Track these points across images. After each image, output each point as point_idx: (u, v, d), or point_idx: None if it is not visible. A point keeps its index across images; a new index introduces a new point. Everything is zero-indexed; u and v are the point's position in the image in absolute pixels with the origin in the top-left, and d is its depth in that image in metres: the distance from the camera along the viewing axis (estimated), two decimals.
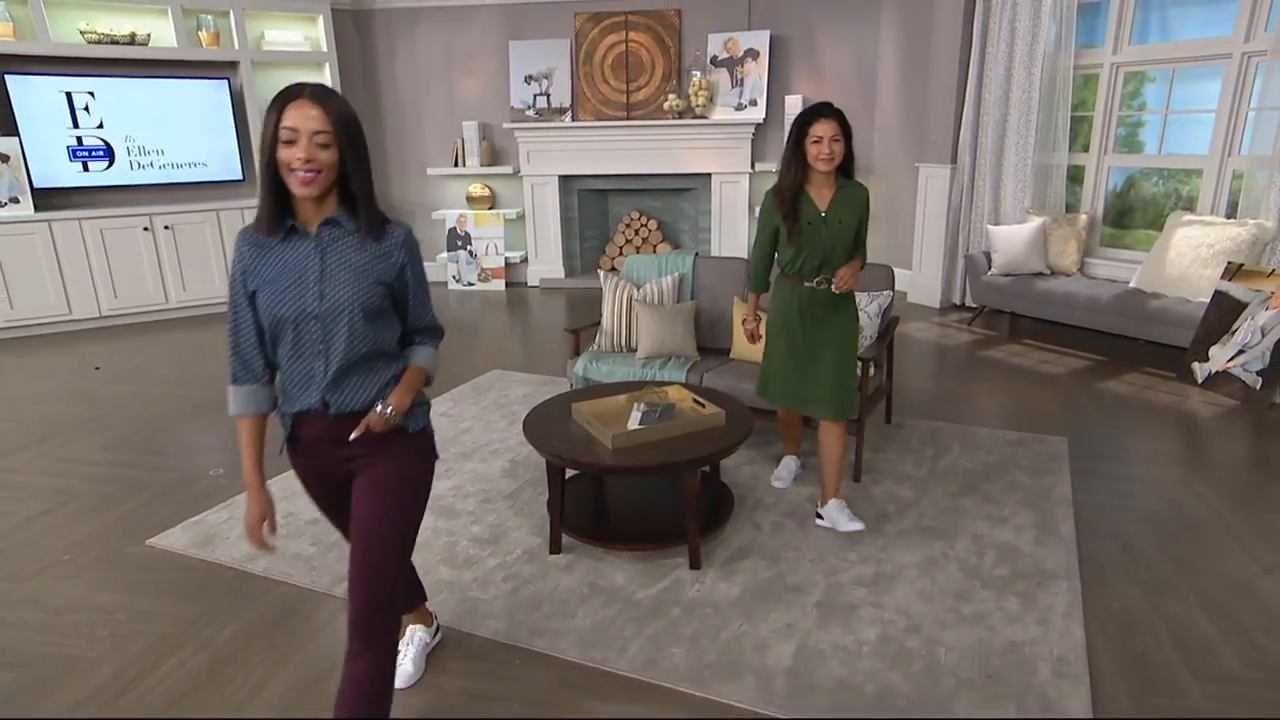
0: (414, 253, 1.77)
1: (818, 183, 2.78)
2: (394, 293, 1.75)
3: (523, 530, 3.03)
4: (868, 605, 2.52)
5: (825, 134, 2.66)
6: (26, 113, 5.85)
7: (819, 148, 2.68)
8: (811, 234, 2.77)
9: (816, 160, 2.70)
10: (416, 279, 1.79)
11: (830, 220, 2.77)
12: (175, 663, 2.30)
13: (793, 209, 2.76)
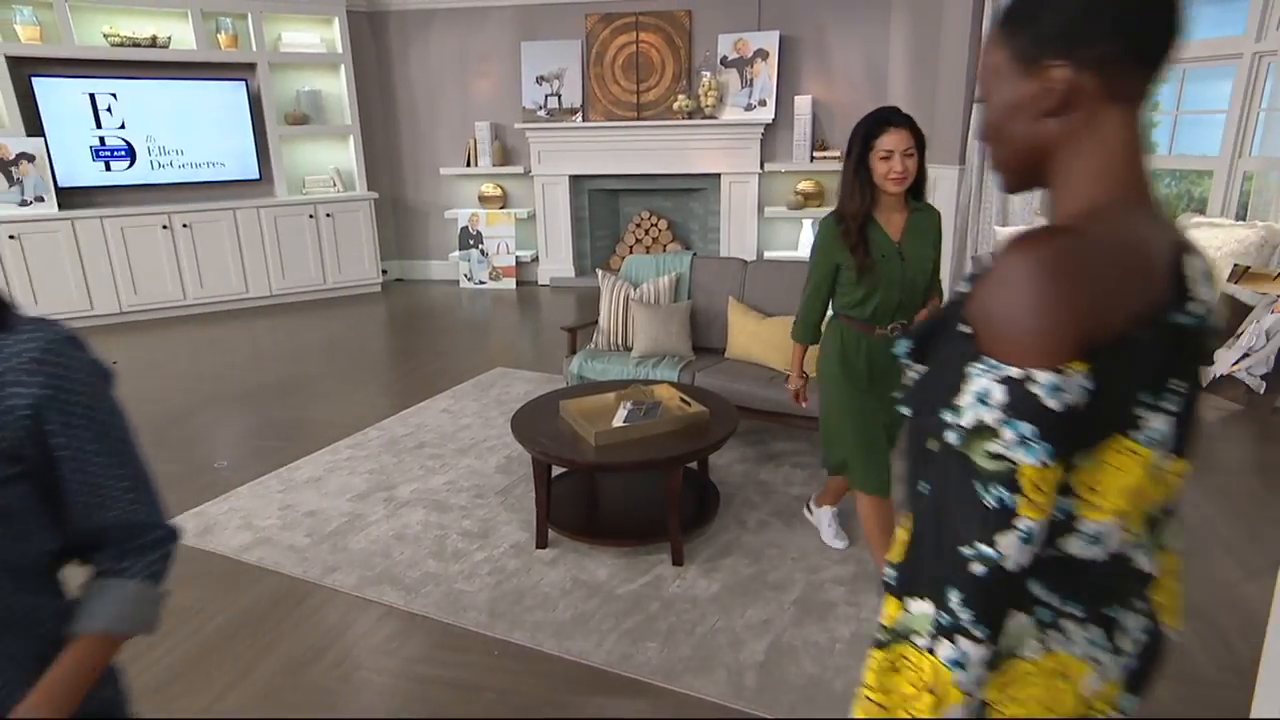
0: (67, 384, 0.95)
1: (887, 207, 2.29)
2: (28, 474, 0.93)
3: (512, 525, 3.08)
4: (845, 604, 2.54)
5: (896, 147, 2.18)
6: (52, 114, 6.01)
7: (888, 164, 2.19)
8: (887, 270, 2.28)
9: (886, 180, 2.21)
10: (85, 440, 0.97)
11: (907, 253, 2.30)
12: (166, 648, 2.38)
13: (861, 240, 2.26)
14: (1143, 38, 0.79)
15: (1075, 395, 0.71)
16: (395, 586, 2.67)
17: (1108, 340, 0.72)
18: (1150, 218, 0.80)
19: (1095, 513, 0.77)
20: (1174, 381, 0.77)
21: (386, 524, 3.10)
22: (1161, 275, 0.77)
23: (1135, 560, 0.84)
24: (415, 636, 2.43)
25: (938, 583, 0.75)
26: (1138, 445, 0.76)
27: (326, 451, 3.80)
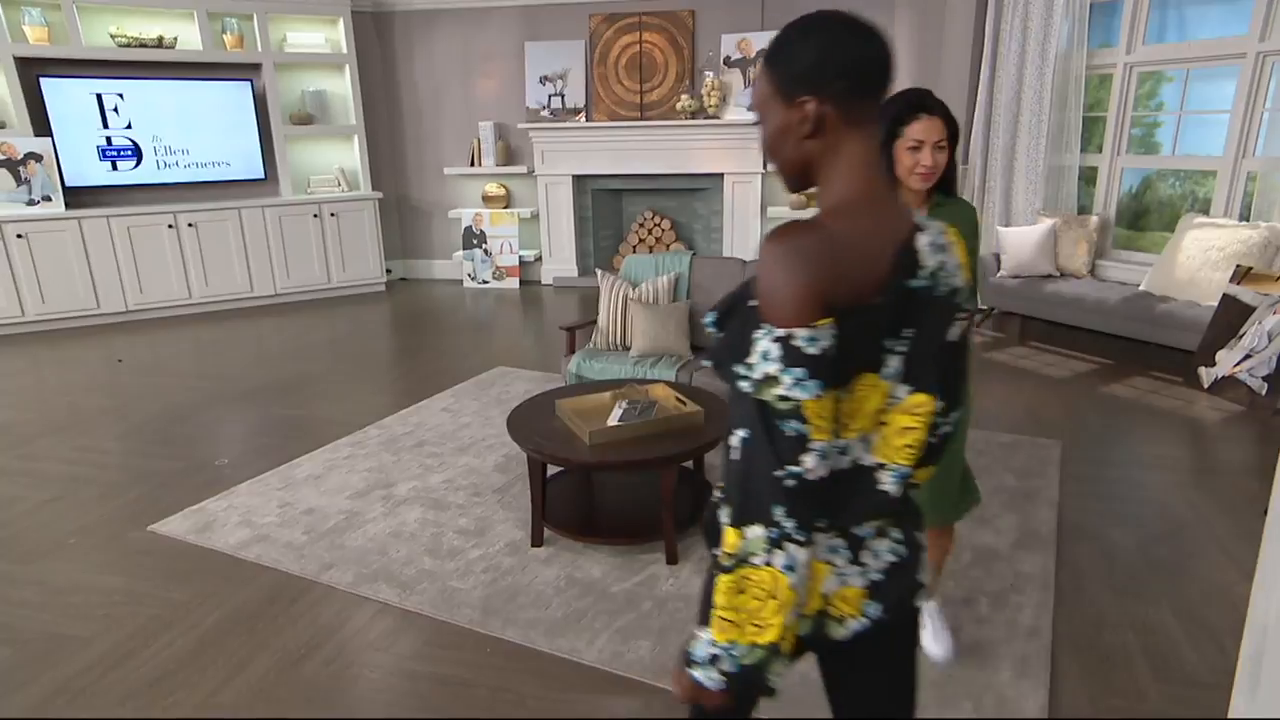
0: None
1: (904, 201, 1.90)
2: None
3: (508, 523, 3.09)
4: None
5: (928, 137, 1.86)
6: (59, 114, 6.06)
7: (916, 157, 1.87)
8: None
9: (911, 174, 1.89)
10: None
11: None
12: (163, 643, 2.40)
13: None
14: (866, 76, 1.03)
15: (827, 342, 0.96)
16: (390, 584, 2.69)
17: (845, 303, 0.97)
18: (884, 209, 1.06)
19: (847, 432, 1.05)
20: (906, 330, 1.04)
21: (384, 522, 3.12)
22: (889, 252, 1.03)
23: (880, 479, 1.07)
24: (409, 633, 2.44)
25: (765, 506, 0.96)
26: (879, 380, 1.05)
27: (327, 450, 3.82)
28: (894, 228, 1.05)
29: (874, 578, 1.11)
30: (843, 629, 1.10)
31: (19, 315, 6.00)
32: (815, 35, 1.04)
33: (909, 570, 1.14)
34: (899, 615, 1.15)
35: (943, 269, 1.08)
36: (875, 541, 1.11)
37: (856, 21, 1.05)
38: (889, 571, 1.11)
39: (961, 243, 1.18)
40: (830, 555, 1.09)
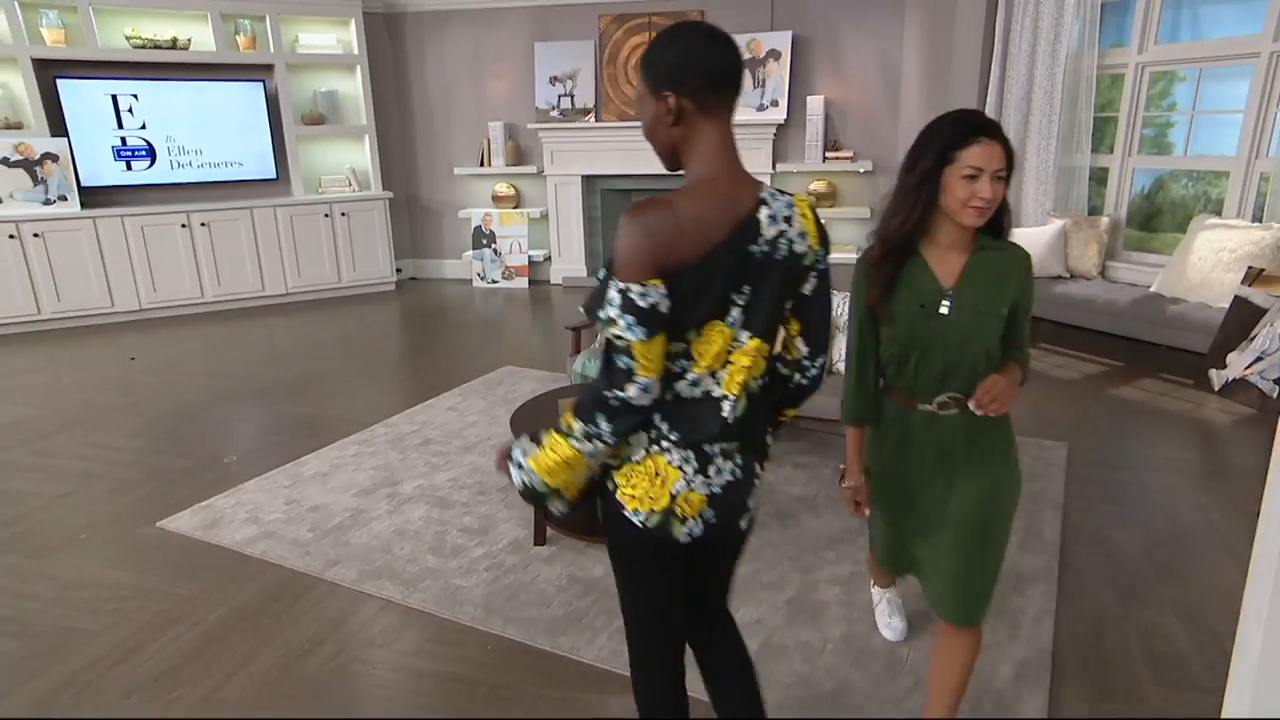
0: None
1: (944, 241, 1.67)
2: None
3: (512, 522, 3.11)
4: (838, 604, 2.54)
5: (987, 165, 1.56)
6: (75, 114, 6.13)
7: (972, 188, 1.57)
8: (922, 325, 1.66)
9: (964, 208, 1.59)
10: None
11: (961, 302, 1.65)
12: (169, 638, 2.43)
13: (890, 278, 1.67)
14: (717, 77, 1.28)
15: (655, 299, 1.22)
16: (394, 581, 2.71)
17: (677, 266, 1.24)
18: (730, 187, 1.30)
19: (697, 368, 1.33)
20: (745, 286, 1.30)
21: (389, 519, 3.14)
22: (729, 223, 1.28)
23: (721, 407, 1.35)
24: (411, 630, 2.46)
25: (591, 413, 1.29)
26: (724, 326, 1.32)
27: (334, 448, 3.85)
28: (737, 202, 1.30)
29: (714, 490, 1.39)
30: (683, 528, 1.39)
31: (35, 313, 6.08)
32: (678, 42, 1.29)
33: (742, 490, 1.43)
34: (727, 527, 1.44)
35: (782, 236, 1.32)
36: (720, 460, 1.39)
37: (714, 32, 1.30)
38: (726, 487, 1.40)
39: (810, 215, 1.40)
40: (682, 464, 1.36)
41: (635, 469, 1.38)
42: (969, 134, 1.59)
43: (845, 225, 7.17)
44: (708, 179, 1.31)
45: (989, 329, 1.67)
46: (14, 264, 5.93)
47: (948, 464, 1.75)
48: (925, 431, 1.74)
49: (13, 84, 5.98)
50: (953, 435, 1.73)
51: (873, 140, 6.91)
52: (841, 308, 3.25)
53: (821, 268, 1.40)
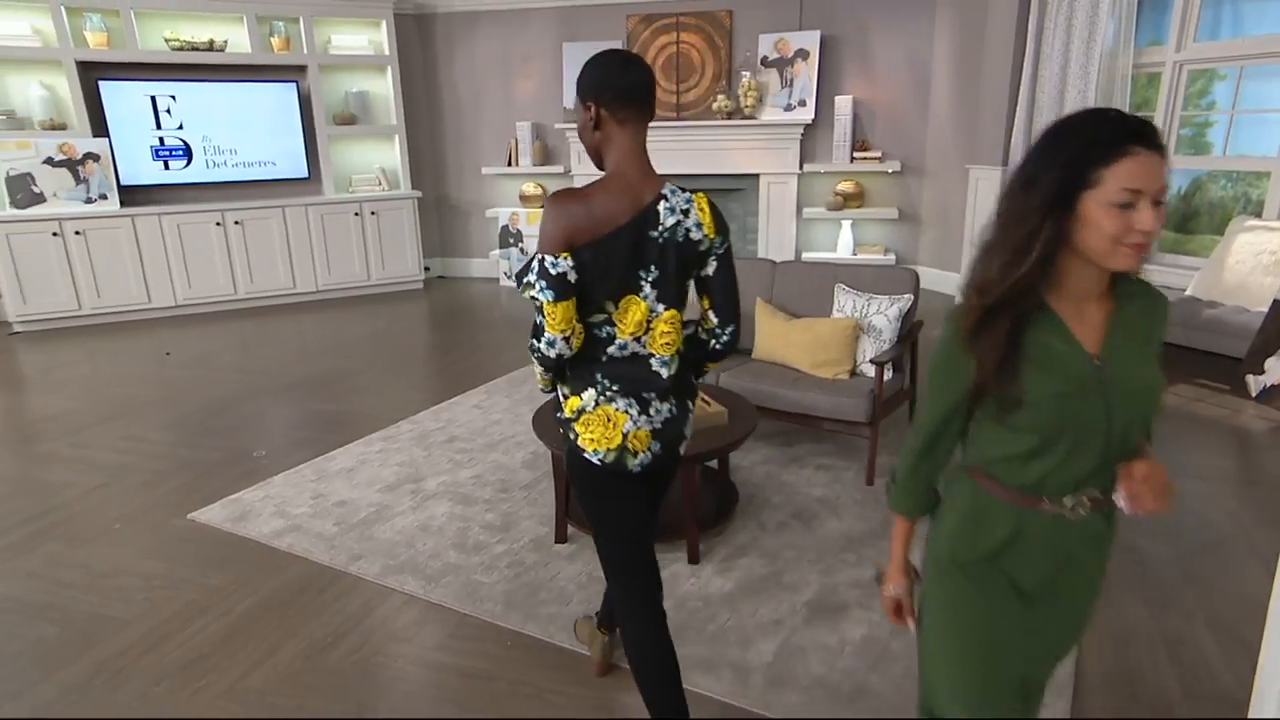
0: None
1: (1076, 287, 1.21)
2: None
3: (533, 520, 3.13)
4: (858, 606, 2.52)
5: (1147, 186, 1.10)
6: (116, 115, 6.28)
7: (1127, 219, 1.11)
8: (1075, 408, 1.20)
9: (1115, 248, 1.13)
10: None
11: (1113, 374, 1.21)
12: (197, 628, 2.48)
13: (1011, 348, 1.19)
14: (627, 92, 1.61)
15: (564, 268, 1.55)
16: (416, 576, 2.74)
17: (583, 243, 1.56)
18: (634, 183, 1.61)
19: (621, 334, 1.66)
20: (652, 266, 1.62)
21: (413, 515, 3.18)
22: (630, 212, 1.59)
23: (652, 366, 1.70)
24: (432, 625, 2.48)
25: (534, 351, 1.68)
26: (639, 300, 1.64)
27: (360, 443, 3.90)
28: (640, 196, 1.61)
29: (657, 425, 1.73)
30: (635, 460, 1.73)
31: (76, 309, 6.24)
32: (600, 64, 1.64)
33: (680, 423, 1.78)
34: (668, 454, 1.78)
35: (680, 225, 1.64)
36: (657, 403, 1.73)
37: (630, 58, 1.64)
38: (665, 423, 1.74)
39: (707, 209, 1.68)
40: (628, 409, 1.70)
41: (590, 418, 1.70)
42: (1118, 143, 1.10)
43: (872, 226, 7.11)
44: (618, 175, 1.63)
45: (1147, 406, 1.26)
46: (57, 261, 6.09)
47: (1069, 560, 1.29)
48: (1046, 535, 1.27)
49: (58, 86, 6.14)
50: (1081, 539, 1.28)
51: (901, 140, 6.85)
52: None
53: (720, 252, 1.72)
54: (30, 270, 6.04)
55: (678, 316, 1.70)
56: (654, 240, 1.62)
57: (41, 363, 5.46)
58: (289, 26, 6.81)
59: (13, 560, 2.89)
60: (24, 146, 5.96)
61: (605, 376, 1.69)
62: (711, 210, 1.69)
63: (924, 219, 6.97)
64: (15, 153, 5.94)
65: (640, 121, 1.64)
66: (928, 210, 6.92)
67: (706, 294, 1.76)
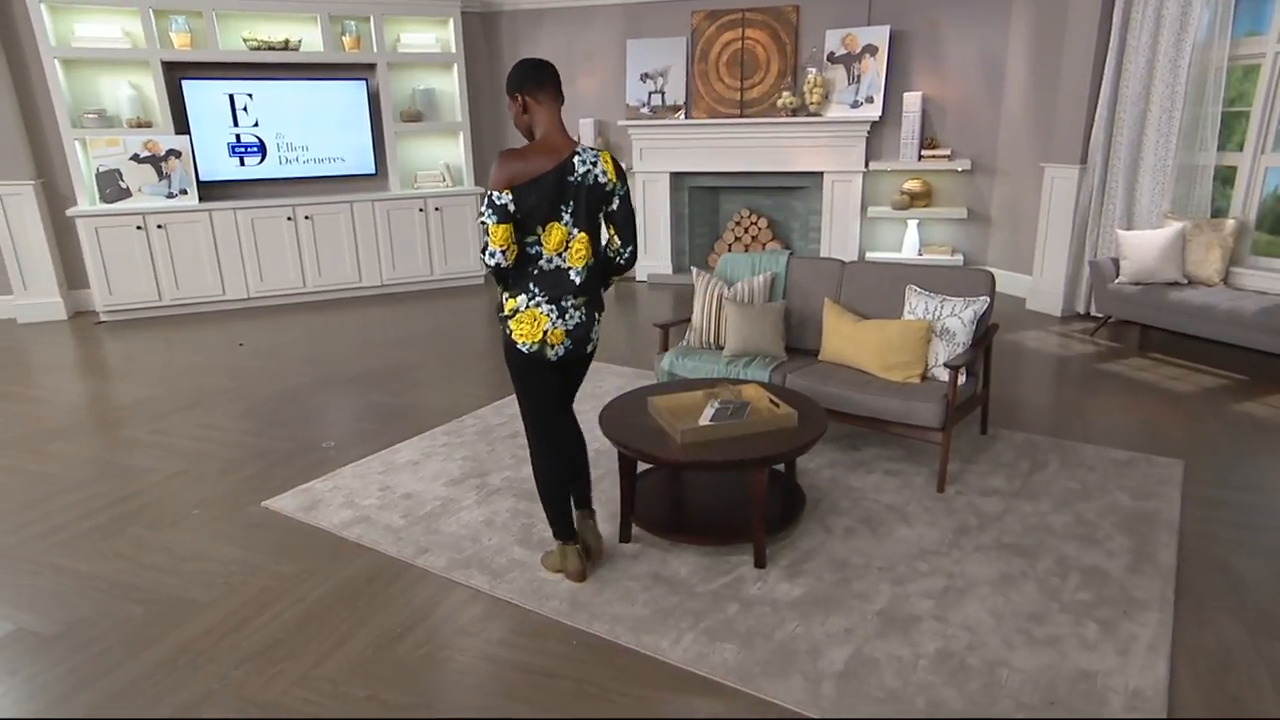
0: None
1: None
2: None
3: (598, 517, 3.11)
4: (932, 618, 2.44)
5: None
6: (196, 113, 6.50)
7: None
8: None
9: None
10: None
11: None
12: (272, 614, 2.54)
13: None
14: (537, 82, 2.34)
15: (505, 201, 2.28)
16: (482, 571, 2.76)
17: (520, 184, 2.28)
18: (560, 144, 2.34)
19: (546, 250, 2.37)
20: (570, 201, 2.35)
21: (477, 510, 3.20)
22: (553, 163, 2.32)
23: (570, 275, 2.40)
24: (498, 620, 2.49)
25: (484, 261, 2.38)
26: (560, 226, 2.36)
27: (425, 437, 3.95)
28: (560, 153, 2.35)
29: (569, 327, 2.43)
30: (552, 351, 2.43)
31: (156, 299, 6.49)
32: (518, 69, 2.36)
33: (587, 327, 2.49)
34: (578, 349, 2.50)
35: (589, 173, 2.37)
36: (571, 310, 2.43)
37: (538, 61, 2.38)
38: (576, 325, 2.45)
39: (610, 162, 2.44)
40: (549, 312, 2.39)
41: (522, 316, 2.40)
42: None
43: (939, 226, 6.93)
44: (545, 139, 2.37)
45: None
46: (140, 253, 6.34)
47: None
48: None
49: (144, 86, 6.39)
50: None
51: (972, 138, 6.65)
52: None
53: (621, 193, 2.46)
54: (116, 262, 6.30)
55: (588, 239, 2.41)
56: (571, 183, 2.36)
57: (124, 351, 5.69)
58: (360, 25, 6.95)
59: (102, 542, 3.01)
60: (113, 144, 6.22)
61: (535, 285, 2.40)
62: (613, 163, 2.45)
63: (994, 219, 6.76)
64: (105, 150, 6.20)
65: (553, 102, 2.38)
66: (998, 210, 6.71)
67: (611, 223, 2.49)
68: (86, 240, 6.21)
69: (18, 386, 4.94)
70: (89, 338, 6.05)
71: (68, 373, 5.25)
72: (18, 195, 6.27)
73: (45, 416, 4.39)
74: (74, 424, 4.27)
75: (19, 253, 6.36)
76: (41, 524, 3.15)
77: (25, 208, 6.30)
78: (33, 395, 4.76)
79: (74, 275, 6.68)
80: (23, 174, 6.25)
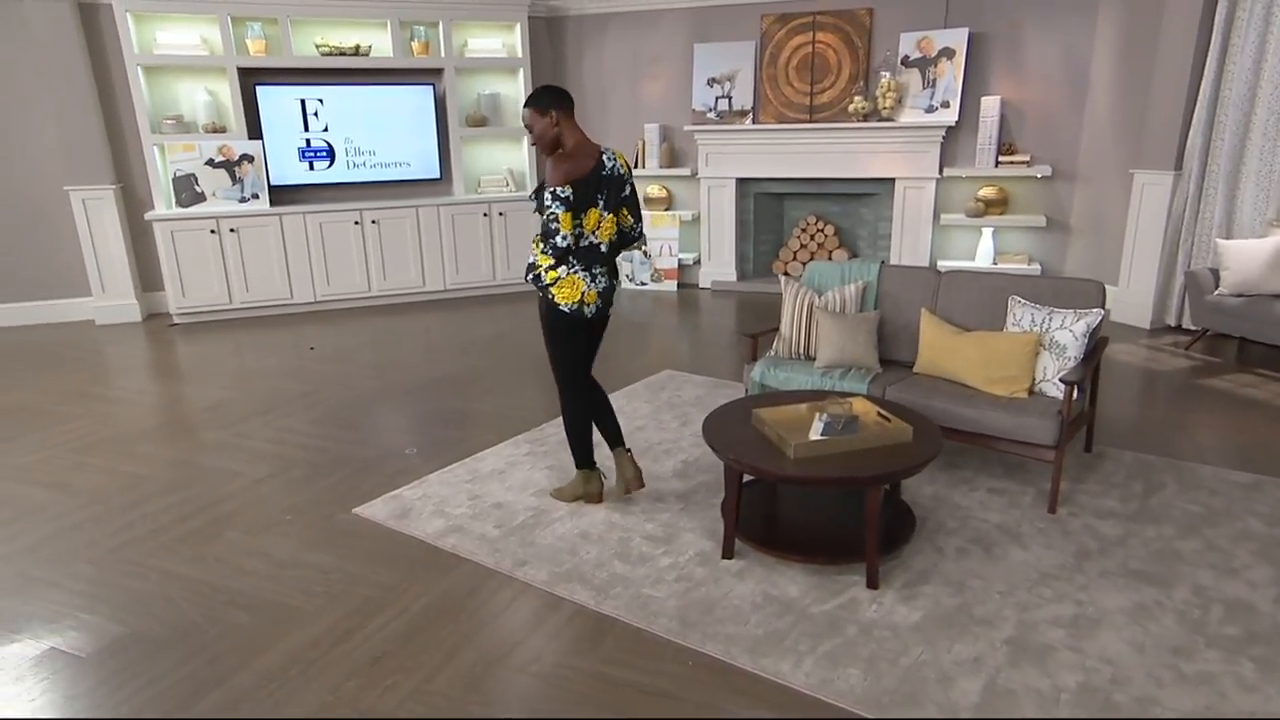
0: None
1: None
2: None
3: (695, 532, 3.05)
4: (1066, 649, 2.32)
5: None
6: (269, 118, 6.60)
7: None
8: None
9: None
10: None
11: None
12: (378, 624, 2.52)
13: None
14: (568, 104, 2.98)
15: (568, 194, 2.89)
16: (585, 586, 2.70)
17: (576, 179, 2.91)
18: (591, 149, 3.00)
19: (587, 229, 2.98)
20: (604, 190, 2.99)
21: (570, 521, 3.15)
22: (592, 162, 2.97)
23: (600, 248, 3.03)
24: (608, 638, 2.44)
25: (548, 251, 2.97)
26: (597, 210, 2.99)
27: (508, 445, 3.92)
28: (594, 156, 2.97)
29: (600, 289, 3.04)
30: (588, 309, 3.02)
31: (227, 302, 6.59)
32: (551, 92, 2.95)
33: (611, 290, 3.10)
34: (604, 310, 3.10)
35: (614, 168, 3.00)
36: (600, 276, 3.03)
37: (561, 88, 2.98)
38: (604, 288, 3.06)
39: (623, 159, 3.06)
40: (584, 278, 2.98)
41: (563, 283, 2.96)
42: None
43: (1015, 234, 6.75)
44: (579, 146, 2.95)
45: None
46: (213, 257, 6.46)
47: None
48: None
49: (220, 92, 6.51)
50: None
51: (1052, 144, 6.46)
52: None
53: (631, 182, 3.09)
54: (190, 265, 6.42)
55: (613, 219, 3.03)
56: (604, 176, 2.97)
57: (196, 353, 5.78)
58: (429, 31, 7.01)
59: (200, 545, 3.02)
60: (189, 149, 6.34)
61: (575, 258, 2.97)
62: (625, 160, 3.08)
63: (1074, 227, 6.56)
64: (182, 154, 6.32)
65: (574, 118, 2.99)
66: (1078, 218, 6.51)
67: (625, 206, 3.08)
68: (163, 243, 6.34)
69: (100, 387, 5.04)
70: (163, 340, 6.17)
71: (146, 374, 5.35)
72: (99, 199, 6.42)
73: (130, 418, 4.46)
74: (158, 426, 4.33)
75: (98, 255, 6.51)
76: (140, 526, 3.18)
77: (105, 211, 6.45)
78: (115, 396, 4.85)
79: (148, 278, 6.83)
80: (104, 178, 6.41)
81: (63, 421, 4.41)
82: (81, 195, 6.37)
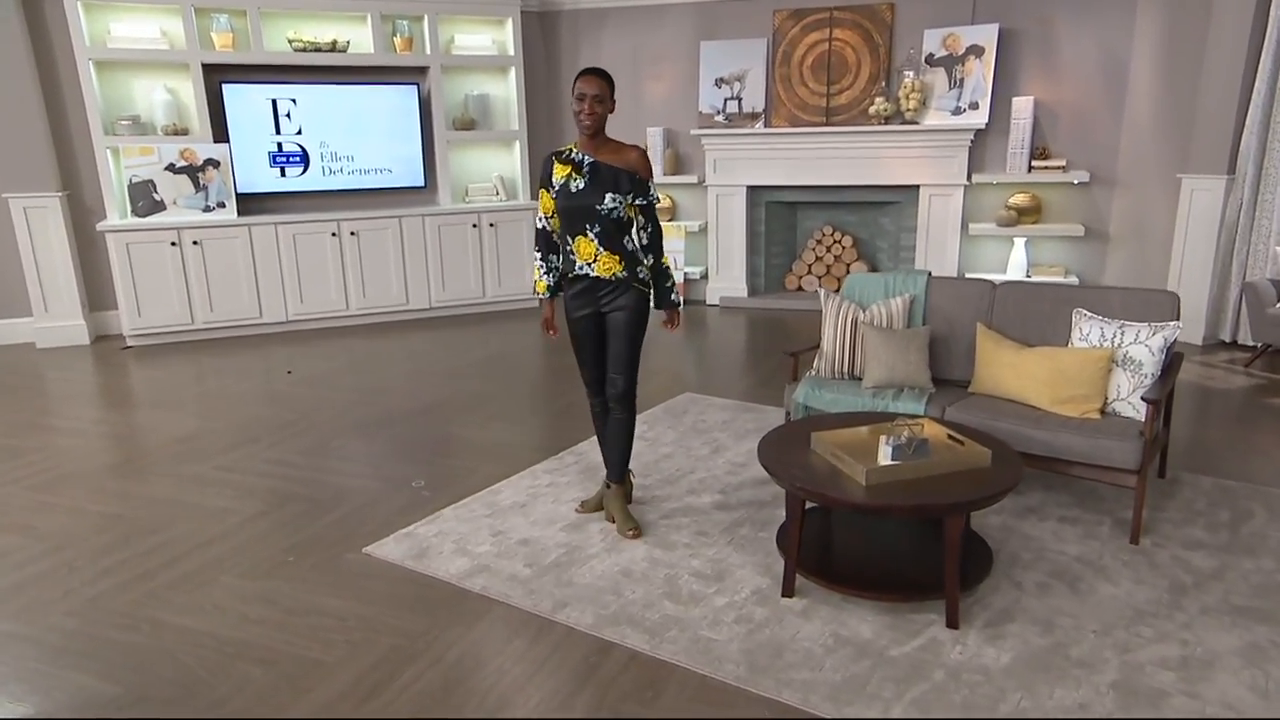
0: None
1: None
2: None
3: (746, 568, 3.03)
4: (1180, 694, 2.32)
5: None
6: (236, 119, 6.57)
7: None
8: None
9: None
10: None
11: None
12: (411, 676, 2.46)
13: None
14: None
15: None
16: (636, 629, 2.66)
17: None
18: None
19: None
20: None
21: (608, 558, 3.12)
22: None
23: None
24: (672, 687, 2.40)
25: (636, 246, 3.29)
26: None
27: (525, 475, 3.89)
28: None
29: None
30: None
31: (188, 322, 6.50)
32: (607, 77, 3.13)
33: None
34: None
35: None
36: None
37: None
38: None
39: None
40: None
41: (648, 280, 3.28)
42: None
43: (1050, 244, 6.86)
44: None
45: None
46: (173, 272, 6.37)
47: None
48: None
49: (181, 90, 6.47)
50: None
51: (1089, 148, 6.60)
52: None
53: None
54: (146, 281, 6.33)
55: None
56: None
57: (157, 378, 5.68)
58: (412, 26, 7.03)
59: (194, 591, 2.95)
60: (146, 152, 6.28)
61: None
62: None
63: (1113, 236, 6.68)
64: (139, 159, 6.26)
65: None
66: (1118, 226, 6.64)
67: None
68: (116, 257, 6.24)
69: (52, 418, 4.93)
70: (116, 364, 6.06)
71: (102, 403, 5.24)
72: (42, 209, 6.33)
73: (92, 451, 4.36)
74: (125, 460, 4.24)
75: (41, 271, 6.40)
76: (122, 572, 3.10)
77: (50, 221, 6.36)
78: (71, 427, 4.74)
79: (97, 296, 6.72)
80: (48, 185, 6.32)
81: (15, 456, 4.30)
82: (23, 204, 6.27)
